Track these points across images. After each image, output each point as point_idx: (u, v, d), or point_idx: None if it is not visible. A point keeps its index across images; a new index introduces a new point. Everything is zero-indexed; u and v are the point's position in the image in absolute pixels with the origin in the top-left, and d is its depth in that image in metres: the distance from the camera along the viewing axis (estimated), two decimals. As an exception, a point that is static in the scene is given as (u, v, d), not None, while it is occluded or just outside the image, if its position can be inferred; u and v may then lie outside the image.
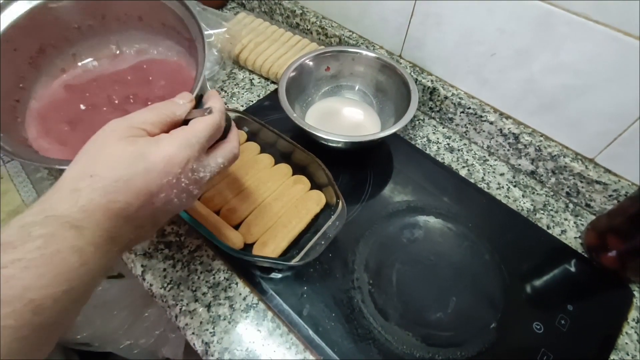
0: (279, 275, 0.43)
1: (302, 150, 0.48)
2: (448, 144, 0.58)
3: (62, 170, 0.24)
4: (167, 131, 0.27)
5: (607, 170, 0.48)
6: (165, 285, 0.42)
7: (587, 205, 0.51)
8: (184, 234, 0.46)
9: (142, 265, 0.43)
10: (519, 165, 0.55)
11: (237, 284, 0.42)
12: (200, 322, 0.40)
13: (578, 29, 0.41)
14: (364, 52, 0.55)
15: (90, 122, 0.39)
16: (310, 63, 0.55)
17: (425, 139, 0.58)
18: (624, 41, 0.39)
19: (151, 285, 0.42)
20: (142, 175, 0.23)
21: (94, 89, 0.41)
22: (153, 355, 0.88)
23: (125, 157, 0.24)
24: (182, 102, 0.28)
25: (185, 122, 0.28)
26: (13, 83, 0.39)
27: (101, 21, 0.43)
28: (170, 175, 0.24)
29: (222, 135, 0.30)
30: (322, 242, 0.40)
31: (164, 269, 0.43)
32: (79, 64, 0.43)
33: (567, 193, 0.52)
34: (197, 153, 0.26)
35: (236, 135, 0.31)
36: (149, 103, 0.38)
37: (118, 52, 0.44)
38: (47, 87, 0.41)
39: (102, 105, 0.41)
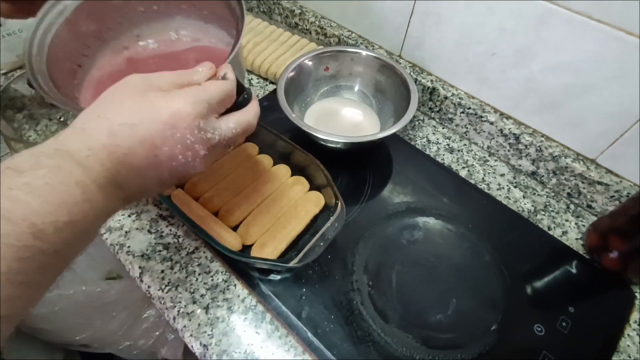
0: (278, 277, 0.42)
1: (301, 151, 0.47)
2: (448, 145, 0.57)
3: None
4: None
5: (609, 171, 0.47)
6: (163, 287, 0.41)
7: (589, 206, 0.50)
8: (182, 235, 0.45)
9: (140, 267, 0.43)
10: (520, 165, 0.54)
11: (235, 285, 0.42)
12: (199, 324, 0.39)
13: (579, 27, 0.40)
14: (363, 52, 0.55)
15: None
16: (309, 63, 0.55)
17: (425, 140, 0.58)
18: (625, 40, 0.38)
19: (149, 287, 0.42)
20: (146, 123, 0.24)
21: (149, 65, 0.44)
22: (152, 356, 0.88)
23: (134, 105, 0.24)
24: (201, 70, 0.29)
25: None
26: (78, 50, 0.42)
27: (165, 8, 0.46)
28: (174, 128, 0.25)
29: (239, 106, 0.30)
30: (321, 244, 0.40)
31: (162, 271, 0.42)
32: (140, 43, 0.45)
33: (569, 194, 0.51)
34: (205, 111, 0.26)
35: (255, 107, 0.32)
36: None
37: (176, 37, 0.46)
38: (110, 60, 0.44)
39: None
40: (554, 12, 0.41)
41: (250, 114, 0.31)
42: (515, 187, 0.53)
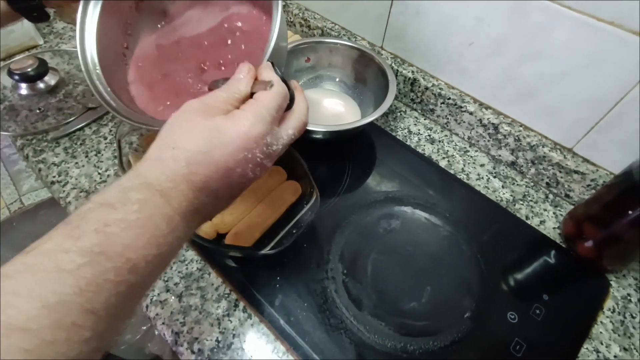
0: (252, 266, 0.42)
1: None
2: (429, 135, 0.57)
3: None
4: (238, 107, 0.27)
5: (585, 160, 0.47)
6: (137, 275, 0.41)
7: (567, 195, 0.50)
8: (158, 224, 0.45)
9: (114, 256, 0.42)
10: (500, 156, 0.54)
11: (209, 274, 0.42)
12: (171, 312, 0.39)
13: (552, 15, 0.40)
14: (341, 43, 0.55)
15: (176, 81, 0.40)
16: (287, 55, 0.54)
17: (406, 131, 0.58)
18: (596, 27, 0.38)
19: (123, 275, 0.41)
20: (220, 149, 0.24)
21: (176, 53, 0.42)
22: (140, 351, 0.88)
23: (204, 131, 0.25)
24: (242, 76, 0.29)
25: (251, 94, 0.28)
26: (121, 31, 0.40)
27: None
28: (246, 150, 0.25)
29: (288, 105, 0.30)
30: (294, 232, 0.40)
31: (137, 260, 0.42)
32: (172, 22, 0.43)
33: (547, 183, 0.51)
34: (269, 126, 0.27)
35: (304, 105, 0.31)
36: (222, 68, 0.39)
37: None
38: (150, 33, 0.42)
39: (182, 70, 0.42)
40: (528, 1, 0.41)
41: (302, 113, 0.31)
42: (494, 177, 0.53)
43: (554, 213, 0.49)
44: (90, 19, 0.37)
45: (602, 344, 0.39)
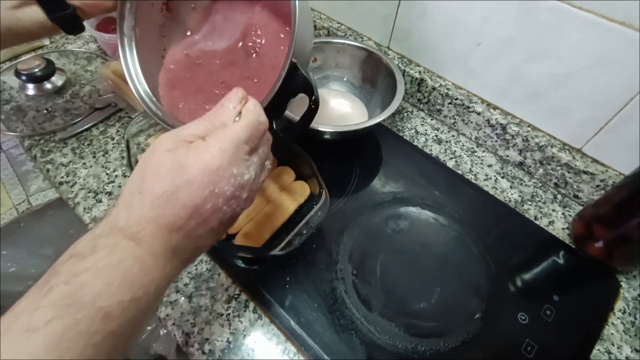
0: (262, 266, 0.42)
1: (286, 141, 0.47)
2: (436, 136, 0.57)
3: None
4: None
5: (595, 160, 0.47)
6: (147, 276, 0.41)
7: (575, 196, 0.50)
8: (166, 225, 0.45)
9: (123, 257, 0.42)
10: (507, 156, 0.54)
11: (219, 274, 0.42)
12: (181, 313, 0.39)
13: (560, 15, 0.40)
14: (349, 43, 0.55)
15: (199, 82, 0.40)
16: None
17: (413, 131, 0.58)
18: (606, 26, 0.38)
19: (132, 276, 0.41)
20: (184, 188, 0.23)
21: (198, 66, 0.42)
22: (145, 351, 0.88)
23: (167, 170, 0.24)
24: (232, 107, 0.27)
25: None
26: (157, 35, 0.41)
27: None
28: (211, 185, 0.24)
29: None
30: (304, 232, 0.40)
31: (146, 260, 0.42)
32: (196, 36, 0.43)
33: (556, 184, 0.51)
34: (232, 157, 0.25)
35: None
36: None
37: None
38: (182, 38, 0.42)
39: (206, 78, 0.41)
40: (535, 0, 0.41)
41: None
42: (502, 177, 0.53)
43: (562, 214, 0.49)
44: (127, 33, 0.38)
45: (613, 345, 0.39)
